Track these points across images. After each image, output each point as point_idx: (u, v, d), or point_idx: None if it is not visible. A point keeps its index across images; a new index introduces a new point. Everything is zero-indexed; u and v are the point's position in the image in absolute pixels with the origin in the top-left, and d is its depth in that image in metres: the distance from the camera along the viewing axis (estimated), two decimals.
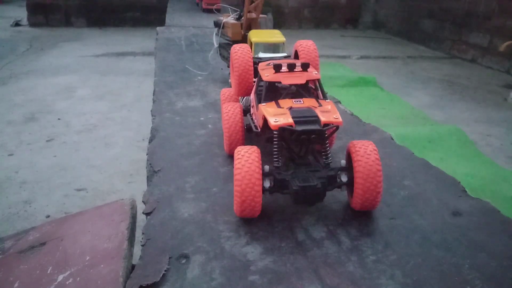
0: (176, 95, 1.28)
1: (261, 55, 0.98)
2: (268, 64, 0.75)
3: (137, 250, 0.64)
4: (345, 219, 0.68)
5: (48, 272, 0.64)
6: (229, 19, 1.31)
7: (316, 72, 0.73)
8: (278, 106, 0.67)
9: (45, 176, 1.91)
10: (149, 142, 0.97)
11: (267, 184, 0.64)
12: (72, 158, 2.09)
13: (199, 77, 1.47)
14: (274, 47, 1.03)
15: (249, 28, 1.23)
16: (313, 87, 0.75)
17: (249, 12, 1.20)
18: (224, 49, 1.31)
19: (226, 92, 0.95)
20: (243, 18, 1.25)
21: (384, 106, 2.96)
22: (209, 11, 3.18)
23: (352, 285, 0.54)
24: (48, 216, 1.63)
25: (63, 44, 4.57)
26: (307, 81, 0.71)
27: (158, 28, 2.41)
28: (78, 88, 3.18)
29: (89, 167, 2.02)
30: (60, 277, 0.62)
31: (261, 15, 1.24)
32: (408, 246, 0.62)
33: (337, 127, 0.66)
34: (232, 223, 0.67)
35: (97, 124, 2.53)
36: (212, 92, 1.31)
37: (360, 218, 0.68)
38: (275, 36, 1.06)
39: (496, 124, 2.75)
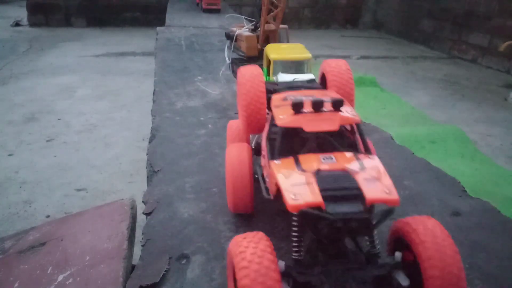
0: (176, 95, 1.28)
1: (281, 77, 0.75)
2: (285, 99, 0.55)
3: (137, 250, 0.64)
4: None
5: (48, 272, 0.64)
6: (243, 30, 1.14)
7: (355, 113, 0.52)
8: (299, 166, 0.47)
9: (45, 176, 1.91)
10: (149, 142, 0.97)
11: None
12: (72, 158, 2.09)
13: (199, 77, 1.47)
14: (297, 66, 0.84)
15: (266, 41, 1.06)
16: (348, 129, 0.55)
17: (267, 22, 1.02)
18: (237, 65, 1.15)
19: (233, 125, 0.75)
20: (259, 29, 1.07)
21: (384, 106, 2.96)
22: (209, 11, 3.18)
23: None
24: (48, 216, 1.63)
25: (63, 44, 4.57)
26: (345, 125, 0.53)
27: (158, 28, 2.41)
28: (78, 88, 3.19)
29: (89, 167, 2.02)
30: (60, 277, 0.62)
31: (281, 26, 1.05)
32: None
33: (392, 210, 0.43)
34: (232, 223, 0.67)
35: (97, 124, 2.53)
36: (212, 92, 1.31)
37: None
38: (298, 51, 0.85)
39: (496, 124, 2.75)
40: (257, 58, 1.11)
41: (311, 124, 0.50)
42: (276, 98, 0.58)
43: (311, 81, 0.69)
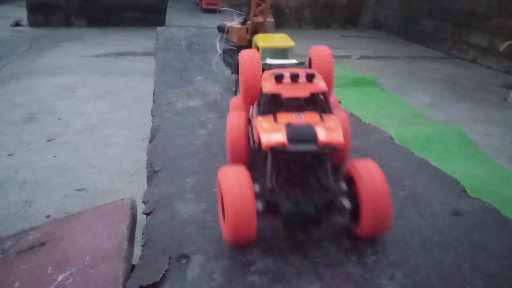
0: (176, 95, 1.28)
1: (268, 61, 0.88)
2: (272, 74, 0.69)
3: (137, 250, 0.64)
4: (345, 219, 0.68)
5: (48, 272, 0.64)
6: (233, 23, 1.25)
7: (324, 85, 0.66)
8: (275, 120, 0.61)
9: (45, 176, 1.91)
10: (149, 142, 0.97)
11: (259, 205, 0.58)
12: (72, 158, 2.09)
13: (199, 77, 1.47)
14: (282, 53, 0.95)
15: (255, 32, 1.16)
16: (323, 98, 0.66)
17: (255, 16, 1.14)
18: (229, 55, 1.26)
19: (235, 101, 0.89)
20: (249, 22, 1.19)
21: (384, 106, 2.96)
22: (209, 11, 3.18)
23: (352, 285, 0.54)
24: (48, 216, 1.63)
25: (63, 44, 4.57)
26: (313, 94, 0.65)
27: (158, 28, 2.41)
28: (78, 88, 3.19)
29: (89, 167, 2.02)
30: (60, 277, 0.62)
31: (268, 19, 1.17)
32: (408, 246, 0.62)
33: (337, 148, 0.59)
34: None
35: (97, 124, 2.54)
36: (212, 92, 1.31)
37: None
38: (283, 40, 0.98)
39: (496, 124, 2.75)
40: (246, 47, 1.17)
41: (288, 91, 0.64)
42: (266, 73, 0.72)
43: (300, 63, 0.81)
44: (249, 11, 1.19)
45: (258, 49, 0.97)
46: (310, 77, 0.65)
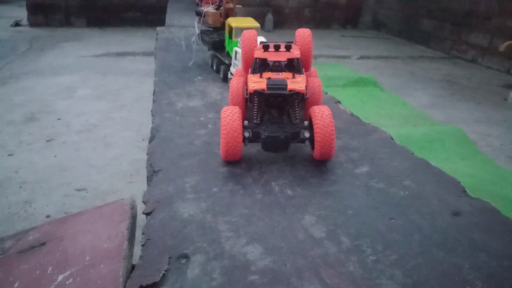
0: (176, 95, 1.28)
1: (261, 40, 1.11)
2: (262, 44, 0.93)
3: (137, 250, 0.64)
4: (345, 219, 0.68)
5: (48, 272, 0.64)
6: (209, 8, 1.52)
7: (298, 52, 0.89)
8: (261, 76, 0.85)
9: (45, 176, 1.91)
10: (149, 142, 0.97)
11: (247, 134, 0.82)
12: (72, 158, 2.09)
13: (199, 77, 1.47)
14: None
15: (226, 16, 1.43)
16: (297, 63, 0.89)
17: (227, 2, 1.44)
18: (205, 34, 1.51)
19: (238, 70, 1.09)
20: (222, 8, 1.46)
21: (384, 106, 2.96)
22: None
23: (352, 285, 0.54)
24: (48, 216, 1.63)
25: (63, 44, 4.57)
26: (292, 59, 0.88)
27: (158, 28, 2.41)
28: (78, 88, 3.19)
29: (89, 167, 2.02)
30: (60, 277, 0.62)
31: (237, 6, 1.48)
32: (408, 246, 0.62)
33: (302, 95, 0.84)
34: (232, 223, 0.67)
35: (97, 124, 2.54)
36: (212, 92, 1.31)
37: (360, 217, 0.68)
38: (250, 22, 1.27)
39: (496, 124, 2.75)
40: (220, 28, 1.47)
41: (272, 57, 0.87)
42: (259, 45, 0.92)
43: (289, 42, 0.98)
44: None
45: (231, 28, 1.28)
46: (288, 47, 0.89)
